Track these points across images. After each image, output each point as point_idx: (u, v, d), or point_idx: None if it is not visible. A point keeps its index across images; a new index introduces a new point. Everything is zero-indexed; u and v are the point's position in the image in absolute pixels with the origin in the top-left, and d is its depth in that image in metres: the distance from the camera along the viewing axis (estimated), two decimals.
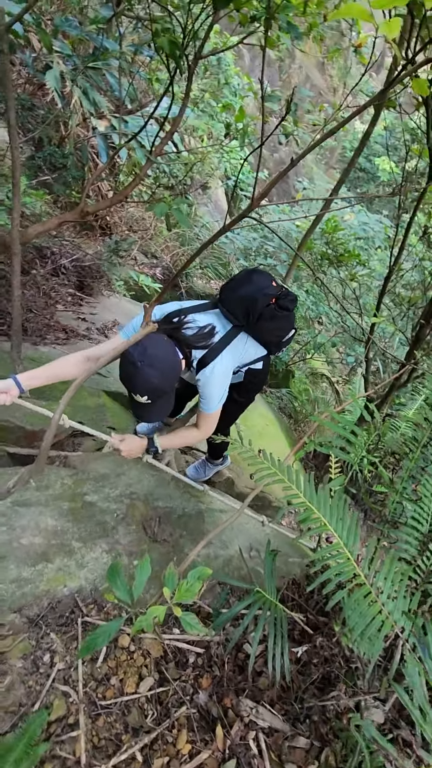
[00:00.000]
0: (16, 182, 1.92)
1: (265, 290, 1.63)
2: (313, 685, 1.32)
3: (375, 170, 10.86)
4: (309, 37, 2.73)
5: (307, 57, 12.76)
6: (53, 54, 3.72)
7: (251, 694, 1.30)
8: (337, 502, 1.20)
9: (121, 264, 4.23)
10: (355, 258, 3.14)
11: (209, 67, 6.01)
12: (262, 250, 4.73)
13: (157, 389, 1.39)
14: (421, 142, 3.27)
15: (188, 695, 1.26)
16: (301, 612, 1.56)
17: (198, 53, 2.23)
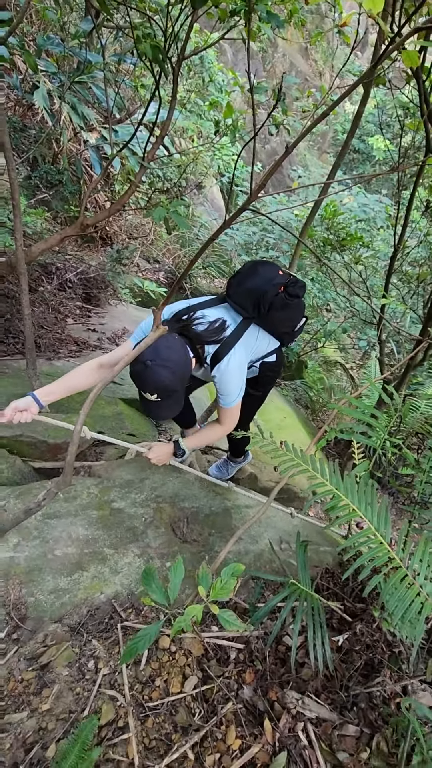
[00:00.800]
0: (16, 203, 1.96)
1: (273, 280, 1.61)
2: (357, 672, 1.32)
3: (369, 150, 10.69)
4: (290, 23, 2.71)
5: (289, 44, 12.64)
6: (39, 73, 3.78)
7: (296, 685, 1.30)
8: (364, 488, 1.19)
9: (124, 272, 4.27)
10: (358, 241, 3.10)
11: (192, 67, 6.01)
12: (263, 243, 4.70)
13: (167, 388, 1.38)
14: (414, 116, 3.20)
15: (233, 691, 1.26)
16: (337, 600, 1.55)
17: (181, 54, 2.23)
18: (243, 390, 1.63)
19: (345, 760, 1.13)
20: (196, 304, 1.64)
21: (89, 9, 4.00)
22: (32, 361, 2.23)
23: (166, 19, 2.10)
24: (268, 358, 1.84)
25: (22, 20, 1.83)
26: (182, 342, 1.44)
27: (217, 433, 1.73)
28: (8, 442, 2.06)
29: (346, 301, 4.83)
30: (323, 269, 4.66)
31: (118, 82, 3.52)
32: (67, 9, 4.52)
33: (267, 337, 1.77)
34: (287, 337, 1.82)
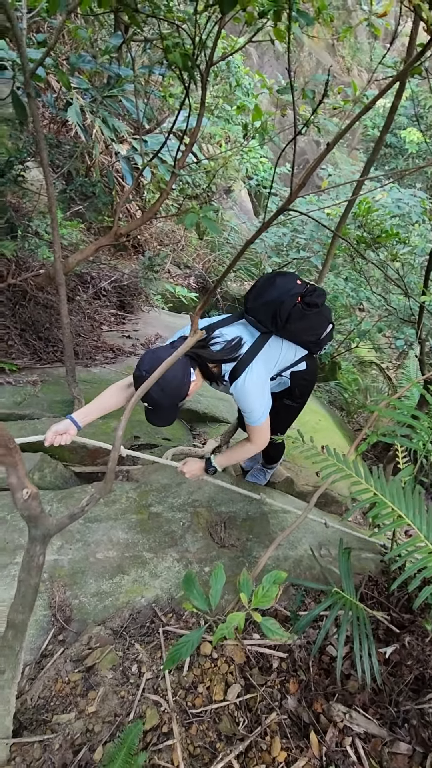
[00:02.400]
0: (54, 217, 2.03)
1: (291, 290, 1.59)
2: (407, 687, 1.26)
3: (402, 144, 10.35)
4: (318, 21, 2.66)
5: (316, 42, 12.50)
6: (72, 91, 3.91)
7: (342, 698, 1.25)
8: (412, 494, 1.14)
9: (156, 278, 4.33)
10: (393, 237, 3.00)
11: (219, 73, 6.04)
12: (294, 243, 4.64)
13: (153, 400, 1.41)
14: None
15: (276, 701, 1.24)
16: (382, 610, 1.49)
17: (209, 61, 2.25)
18: (268, 407, 1.62)
19: None
20: (216, 322, 1.66)
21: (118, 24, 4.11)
22: (71, 368, 2.29)
23: (195, 27, 2.12)
24: (297, 367, 1.81)
25: (57, 42, 1.90)
26: (184, 363, 1.45)
27: (248, 452, 1.73)
28: (50, 447, 2.13)
29: (381, 300, 4.68)
30: (357, 267, 4.54)
31: (147, 93, 3.59)
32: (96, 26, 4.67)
33: (293, 347, 1.74)
34: (313, 346, 1.79)
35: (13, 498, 0.93)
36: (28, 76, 1.73)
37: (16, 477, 0.93)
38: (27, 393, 2.47)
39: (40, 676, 1.20)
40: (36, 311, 2.85)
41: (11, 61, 2.16)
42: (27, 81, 1.75)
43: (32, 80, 1.79)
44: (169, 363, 1.10)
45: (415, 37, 1.80)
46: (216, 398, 3.16)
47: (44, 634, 1.34)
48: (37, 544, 0.97)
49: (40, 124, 1.86)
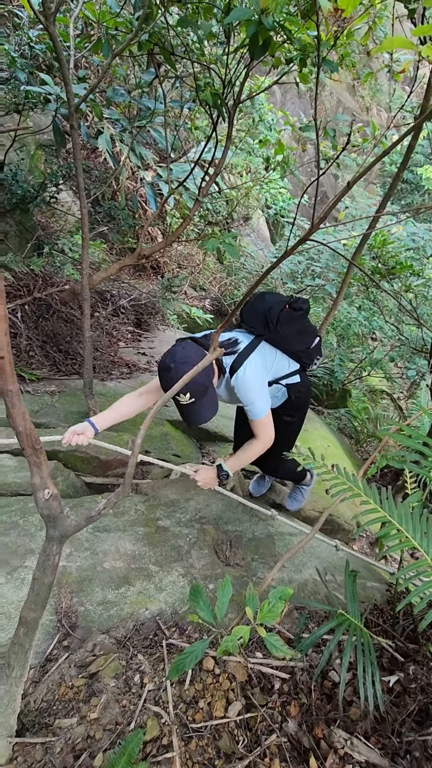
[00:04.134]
0: (85, 237, 2.14)
1: (279, 301, 1.79)
2: (410, 717, 1.24)
3: (418, 180, 10.62)
4: (342, 66, 2.83)
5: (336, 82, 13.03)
6: (103, 120, 4.16)
7: (343, 724, 1.24)
8: (419, 517, 1.16)
9: (173, 299, 4.46)
10: (407, 269, 3.08)
11: (243, 108, 6.35)
12: (309, 271, 4.75)
13: (197, 383, 1.43)
14: None
15: (277, 723, 1.23)
16: (387, 638, 1.48)
17: (237, 99, 2.40)
18: (268, 401, 1.70)
19: None
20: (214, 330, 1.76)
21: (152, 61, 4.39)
22: (89, 381, 2.37)
23: (226, 69, 2.28)
24: (291, 379, 1.90)
25: (100, 81, 2.06)
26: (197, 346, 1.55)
27: (255, 449, 1.77)
28: (64, 456, 2.18)
29: (393, 330, 4.73)
30: (370, 297, 4.62)
31: (177, 126, 3.80)
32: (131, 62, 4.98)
33: (285, 357, 1.86)
34: (304, 357, 1.90)
35: (34, 497, 0.98)
36: (73, 110, 1.88)
37: (40, 477, 0.98)
38: (44, 402, 2.55)
39: (44, 679, 1.21)
40: (58, 324, 2.96)
41: (54, 95, 2.34)
42: (72, 114, 1.89)
43: (75, 113, 1.93)
44: (195, 371, 1.16)
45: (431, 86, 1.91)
46: (226, 418, 3.20)
47: (50, 639, 1.35)
48: (54, 544, 1.01)
49: (80, 154, 1.99)
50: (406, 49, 0.76)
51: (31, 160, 3.62)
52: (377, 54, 11.21)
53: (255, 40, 1.85)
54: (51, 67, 2.76)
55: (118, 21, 2.45)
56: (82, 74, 2.92)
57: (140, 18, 1.94)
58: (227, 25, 2.20)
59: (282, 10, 1.87)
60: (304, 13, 1.79)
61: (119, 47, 1.97)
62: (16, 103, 2.78)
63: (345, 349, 6.01)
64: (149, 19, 2.08)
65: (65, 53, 2.15)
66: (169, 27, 2.29)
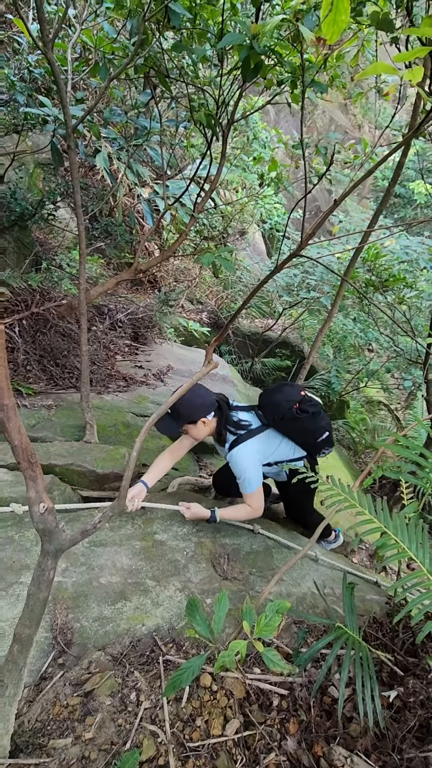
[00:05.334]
0: (83, 253, 2.17)
1: (290, 398, 2.00)
2: (411, 733, 1.22)
3: (410, 194, 10.83)
4: (332, 87, 2.92)
5: (329, 102, 13.36)
6: (101, 140, 4.25)
7: (343, 741, 1.22)
8: (415, 528, 1.16)
9: (170, 312, 4.50)
10: (401, 281, 3.13)
11: (238, 127, 6.50)
12: (304, 284, 4.81)
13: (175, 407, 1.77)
14: None
15: (276, 741, 1.21)
16: (386, 652, 1.46)
17: (230, 119, 2.46)
18: (258, 480, 1.97)
19: None
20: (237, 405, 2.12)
21: (148, 83, 4.50)
22: (86, 394, 2.37)
23: (219, 90, 2.35)
24: (294, 463, 2.09)
25: (97, 103, 2.12)
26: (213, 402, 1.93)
27: (245, 513, 2.02)
28: (60, 470, 2.17)
29: (389, 341, 4.78)
30: (365, 309, 4.67)
31: (172, 145, 3.89)
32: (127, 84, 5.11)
33: (291, 444, 2.10)
34: (311, 448, 2.13)
35: (30, 511, 0.98)
36: (70, 131, 1.93)
37: (35, 491, 0.98)
38: (41, 416, 2.55)
39: (38, 698, 1.19)
40: (55, 339, 2.98)
41: (53, 116, 2.40)
42: (69, 135, 1.94)
43: (73, 134, 1.98)
44: (190, 384, 1.18)
45: (419, 105, 1.98)
46: None
47: (44, 657, 1.33)
48: (49, 558, 1.01)
49: (77, 172, 2.04)
50: (389, 74, 0.79)
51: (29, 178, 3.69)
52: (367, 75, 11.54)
53: (247, 63, 1.92)
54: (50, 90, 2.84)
55: (115, 46, 2.53)
56: (81, 96, 3.00)
57: (136, 43, 2.00)
58: (220, 50, 2.27)
59: (272, 35, 1.94)
60: (293, 38, 1.85)
61: (116, 71, 2.03)
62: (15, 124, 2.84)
63: (342, 360, 6.05)
64: (145, 44, 2.15)
65: (63, 77, 2.22)
66: (164, 51, 2.36)
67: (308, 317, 5.80)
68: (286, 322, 6.31)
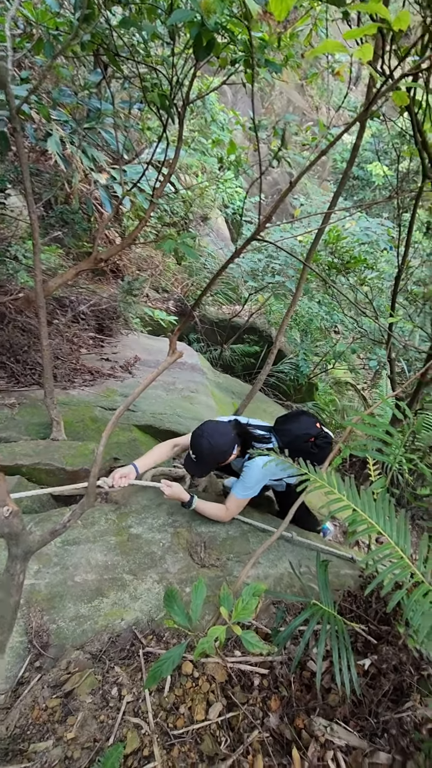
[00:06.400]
0: (36, 242, 2.07)
1: (306, 430, 2.08)
2: (386, 697, 1.28)
3: (369, 176, 11.00)
4: (286, 67, 2.89)
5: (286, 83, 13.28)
6: (52, 122, 4.05)
7: (323, 712, 1.26)
8: (382, 503, 1.20)
9: (135, 302, 4.40)
10: (362, 263, 3.18)
11: (195, 109, 6.35)
12: (269, 269, 4.82)
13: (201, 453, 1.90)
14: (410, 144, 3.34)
15: (258, 719, 1.24)
16: (361, 623, 1.52)
17: (185, 100, 2.39)
18: (254, 493, 2.05)
19: None
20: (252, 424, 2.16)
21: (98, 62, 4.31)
22: (50, 390, 2.30)
23: (172, 70, 2.27)
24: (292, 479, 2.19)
25: (43, 82, 2.00)
26: (233, 438, 1.96)
27: (218, 512, 2.08)
28: (27, 470, 2.10)
29: (353, 323, 4.88)
30: (329, 292, 4.74)
31: (127, 127, 3.75)
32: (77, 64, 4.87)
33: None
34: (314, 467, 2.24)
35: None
36: (14, 112, 1.81)
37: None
38: (4, 416, 2.45)
39: (16, 704, 1.16)
40: (14, 334, 2.86)
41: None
42: (13, 116, 1.82)
43: (17, 115, 1.87)
44: (155, 375, 1.15)
45: (372, 85, 1.98)
46: (195, 419, 3.19)
47: (21, 662, 1.30)
48: (17, 562, 0.97)
49: (25, 157, 1.93)
50: (339, 52, 0.78)
51: None
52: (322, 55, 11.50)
53: (199, 40, 1.86)
54: None
55: (59, 21, 2.39)
56: (26, 75, 2.83)
57: (80, 18, 1.89)
58: (171, 27, 2.19)
59: (223, 12, 1.88)
60: (245, 15, 1.81)
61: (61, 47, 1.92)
62: None
63: (309, 343, 6.14)
64: (90, 19, 2.04)
65: (2, 53, 2.07)
66: (112, 28, 2.25)
67: (274, 302, 5.84)
68: (252, 308, 6.33)
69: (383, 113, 2.14)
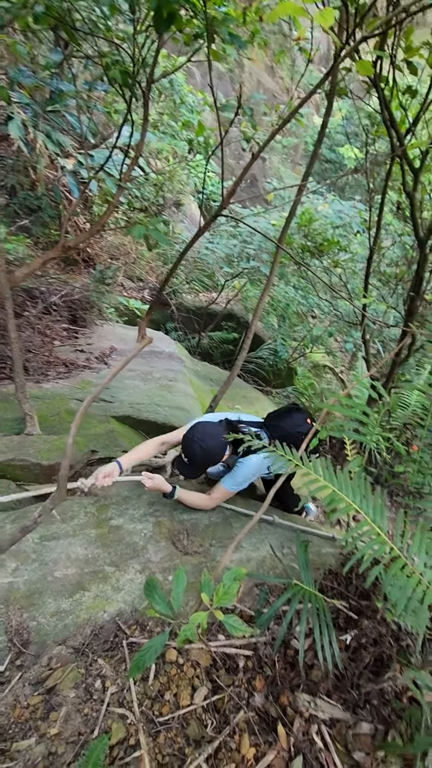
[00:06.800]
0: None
1: (298, 428, 2.09)
2: (367, 669, 1.31)
3: (341, 159, 11.00)
4: (253, 44, 2.81)
5: (255, 63, 13.07)
6: (12, 105, 3.86)
7: (307, 688, 1.28)
8: (359, 482, 1.21)
9: (109, 292, 4.30)
10: (335, 245, 3.18)
11: (163, 91, 6.17)
12: (244, 254, 4.78)
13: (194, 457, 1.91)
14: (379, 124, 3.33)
15: (244, 699, 1.25)
16: (342, 599, 1.54)
17: (150, 78, 2.30)
18: (241, 487, 2.08)
19: (361, 760, 1.12)
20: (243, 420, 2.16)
21: (58, 41, 4.11)
22: (21, 384, 2.23)
23: (133, 46, 2.18)
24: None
25: None
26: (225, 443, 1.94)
27: (201, 501, 2.08)
28: (1, 467, 2.05)
29: (329, 306, 4.91)
30: (304, 275, 4.74)
31: (90, 108, 3.61)
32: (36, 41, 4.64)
33: None
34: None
35: None
36: None
37: None
38: None
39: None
40: None
41: None
42: None
43: None
44: (123, 364, 1.11)
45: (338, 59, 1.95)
46: (174, 407, 3.16)
47: (0, 661, 1.27)
48: None
49: None
50: (298, 15, 0.75)
51: None
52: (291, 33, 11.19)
53: (159, 13, 1.78)
54: None
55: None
56: None
57: None
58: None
59: None
60: None
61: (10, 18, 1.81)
62: None
63: (287, 328, 6.15)
64: None
65: None
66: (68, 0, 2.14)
67: (251, 288, 5.81)
68: (229, 294, 6.28)
69: (351, 90, 2.11)
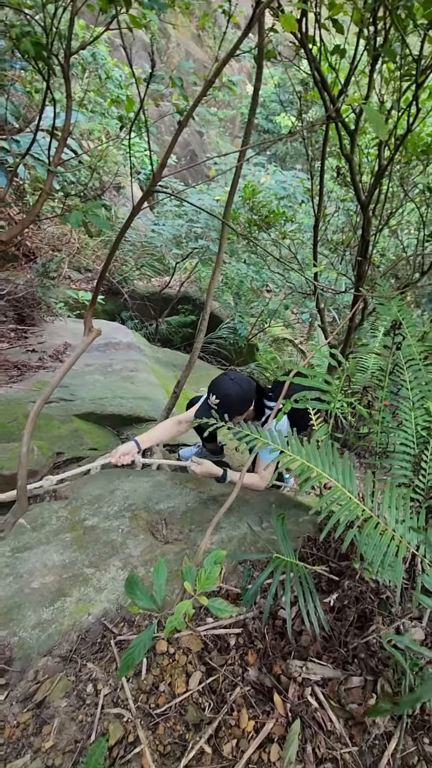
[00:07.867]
0: None
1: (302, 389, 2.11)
2: (352, 626, 1.36)
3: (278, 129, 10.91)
4: (174, 7, 2.67)
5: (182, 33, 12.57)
6: None
7: (297, 654, 1.32)
8: (326, 449, 1.22)
9: (55, 285, 4.10)
10: (281, 216, 3.16)
11: (86, 66, 5.81)
12: (191, 234, 4.68)
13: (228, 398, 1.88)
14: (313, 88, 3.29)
15: (239, 676, 1.26)
16: (322, 564, 1.59)
17: (67, 50, 2.14)
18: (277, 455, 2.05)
19: (355, 711, 1.17)
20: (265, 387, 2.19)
21: None
22: None
23: (44, 14, 2.00)
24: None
25: None
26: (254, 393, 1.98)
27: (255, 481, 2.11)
28: None
29: (282, 279, 4.92)
30: (255, 251, 4.71)
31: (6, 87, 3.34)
32: None
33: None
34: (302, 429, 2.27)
35: None
36: None
37: None
38: None
39: None
40: None
41: None
42: None
43: None
44: (74, 358, 1.05)
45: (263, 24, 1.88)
46: (138, 398, 3.10)
47: None
48: None
49: None
50: None
51: None
52: None
53: None
54: None
55: None
56: None
57: None
58: None
59: None
60: None
61: None
62: None
63: (243, 305, 6.15)
64: None
65: None
66: None
67: (203, 268, 5.73)
68: (182, 277, 6.18)
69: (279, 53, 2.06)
